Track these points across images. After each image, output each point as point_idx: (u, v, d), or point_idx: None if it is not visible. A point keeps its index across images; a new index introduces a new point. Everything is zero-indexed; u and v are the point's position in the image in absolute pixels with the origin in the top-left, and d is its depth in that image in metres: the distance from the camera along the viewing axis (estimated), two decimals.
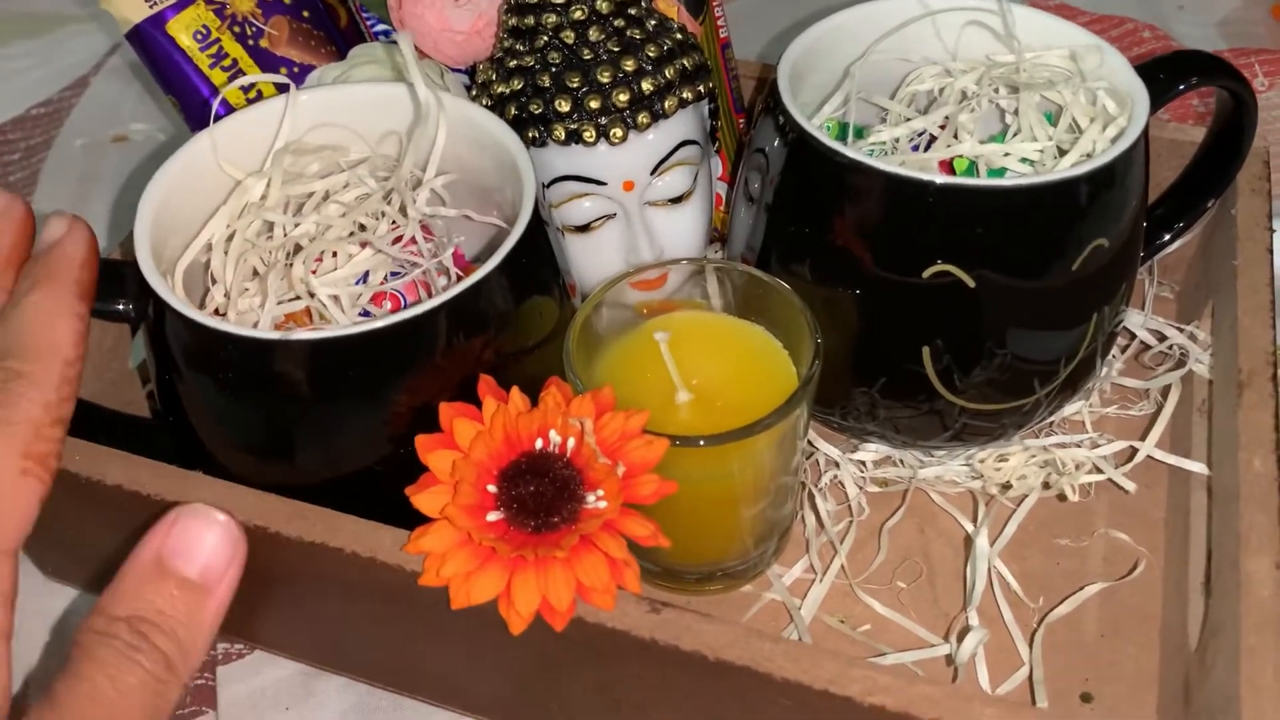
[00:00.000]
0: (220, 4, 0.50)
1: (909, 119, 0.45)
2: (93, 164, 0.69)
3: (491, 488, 0.35)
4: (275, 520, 0.37)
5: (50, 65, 0.78)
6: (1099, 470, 0.46)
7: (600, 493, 0.35)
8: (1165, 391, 0.48)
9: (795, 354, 0.42)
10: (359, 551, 0.36)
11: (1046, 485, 0.46)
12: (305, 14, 0.52)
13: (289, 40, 0.52)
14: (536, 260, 0.41)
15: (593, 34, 0.45)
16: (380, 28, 0.54)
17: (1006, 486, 0.46)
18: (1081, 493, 0.46)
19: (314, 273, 0.40)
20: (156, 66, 0.50)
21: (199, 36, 0.50)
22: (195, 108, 0.50)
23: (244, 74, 0.50)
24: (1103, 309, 0.43)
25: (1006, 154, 0.42)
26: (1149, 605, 0.44)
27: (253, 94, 0.50)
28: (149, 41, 0.49)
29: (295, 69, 0.52)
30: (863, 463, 0.48)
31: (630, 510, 0.35)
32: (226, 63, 0.50)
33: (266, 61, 0.51)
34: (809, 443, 0.48)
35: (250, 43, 0.51)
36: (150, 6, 0.49)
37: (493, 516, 0.35)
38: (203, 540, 0.33)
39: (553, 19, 0.45)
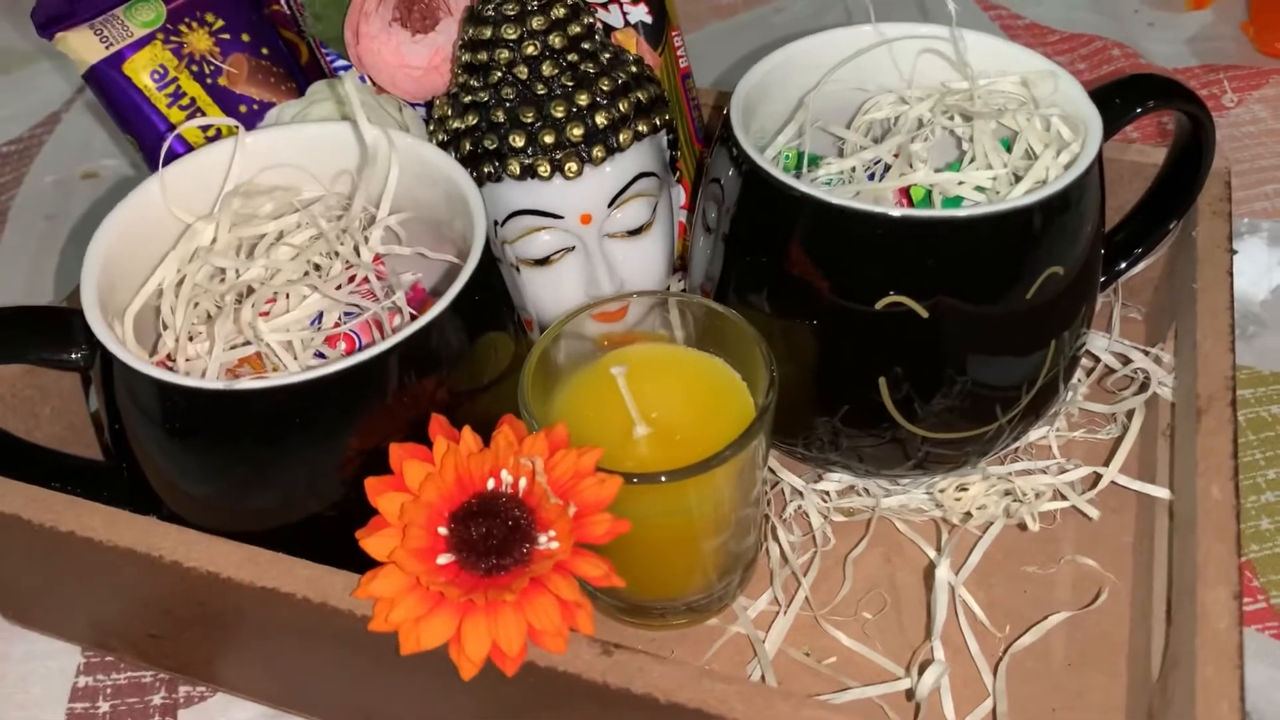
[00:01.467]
0: (178, 43, 0.50)
1: (864, 148, 0.45)
2: (62, 201, 0.69)
3: (443, 530, 0.35)
4: (227, 566, 0.37)
5: (21, 102, 0.78)
6: (1063, 497, 0.46)
7: (552, 533, 0.35)
8: (1131, 415, 0.48)
9: (753, 386, 0.42)
10: (310, 597, 0.36)
11: (1009, 514, 0.46)
12: (264, 51, 0.52)
13: (248, 78, 0.52)
14: (489, 296, 0.40)
15: (546, 69, 0.45)
16: (340, 64, 0.54)
17: (968, 516, 0.45)
18: (1045, 520, 0.46)
19: (265, 315, 0.40)
20: (114, 107, 0.50)
21: (156, 76, 0.50)
22: (154, 147, 0.50)
23: (203, 113, 0.50)
24: (1061, 335, 0.42)
25: (961, 182, 0.42)
26: (1117, 633, 0.43)
27: (211, 132, 0.50)
28: (106, 82, 0.49)
29: (255, 106, 0.52)
30: (826, 493, 0.48)
31: (583, 550, 0.35)
32: (185, 101, 0.50)
33: (225, 100, 0.51)
34: (772, 472, 0.48)
35: (209, 81, 0.51)
36: (106, 47, 0.49)
37: (444, 559, 0.35)
38: None
39: (506, 54, 0.45)
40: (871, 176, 0.45)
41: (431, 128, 0.48)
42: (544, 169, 0.44)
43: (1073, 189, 0.39)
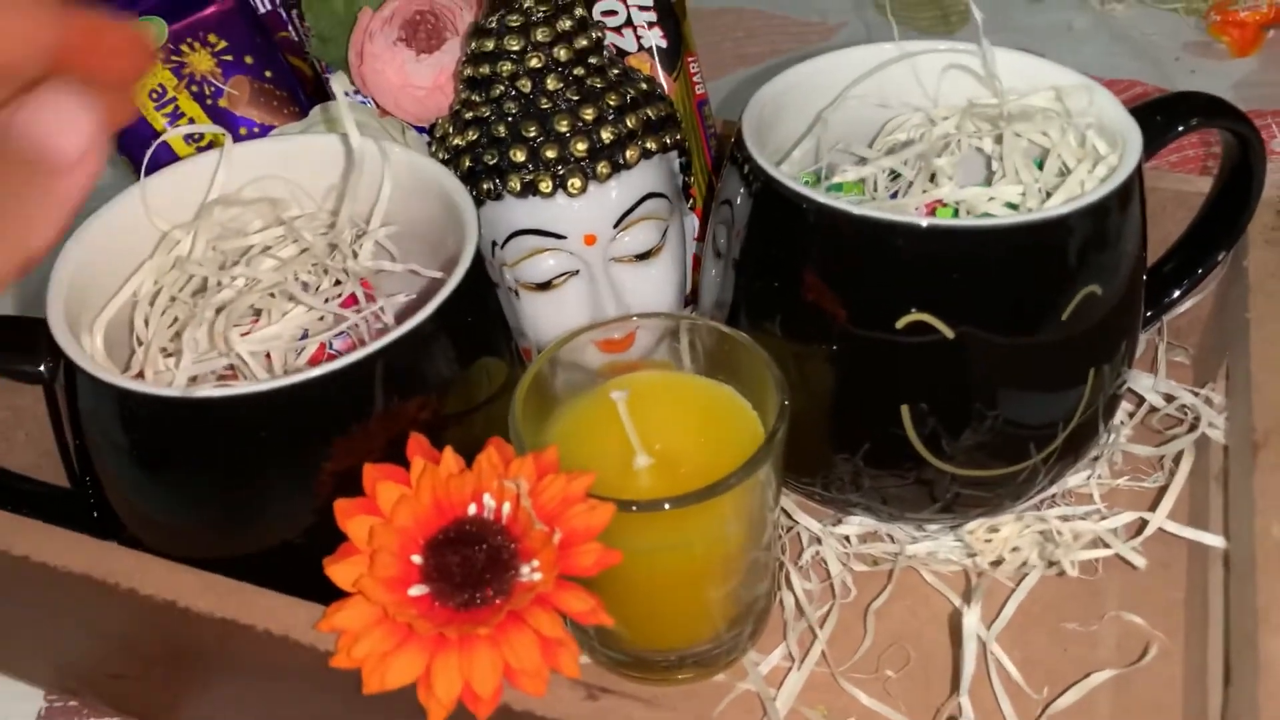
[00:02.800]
0: (178, 63, 0.49)
1: (872, 161, 0.42)
2: None
3: (416, 558, 0.32)
4: (185, 594, 0.34)
5: None
6: (1104, 544, 0.42)
7: (535, 564, 0.32)
8: (1179, 459, 0.44)
9: (765, 415, 0.39)
10: (272, 629, 0.33)
11: (1050, 563, 0.42)
12: (268, 74, 0.51)
13: (250, 100, 0.50)
14: (479, 315, 0.38)
15: (550, 83, 0.43)
16: (330, 77, 0.53)
17: (999, 560, 0.42)
18: (1086, 570, 0.42)
19: (246, 334, 0.38)
20: None
21: (154, 95, 0.48)
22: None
23: (194, 124, 0.48)
24: (1101, 366, 0.39)
25: (990, 198, 0.39)
26: (1166, 695, 0.39)
27: (204, 143, 0.48)
28: None
29: (255, 129, 0.50)
30: (846, 538, 0.44)
31: (569, 583, 0.32)
32: (183, 122, 0.49)
33: (225, 122, 0.49)
34: (787, 515, 0.45)
35: (209, 102, 0.49)
36: None
37: (416, 591, 0.32)
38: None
39: (509, 67, 0.43)
40: (894, 195, 0.42)
41: (433, 147, 0.46)
42: (546, 185, 0.42)
43: (1111, 200, 0.36)
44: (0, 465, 0.42)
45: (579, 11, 0.44)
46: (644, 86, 0.45)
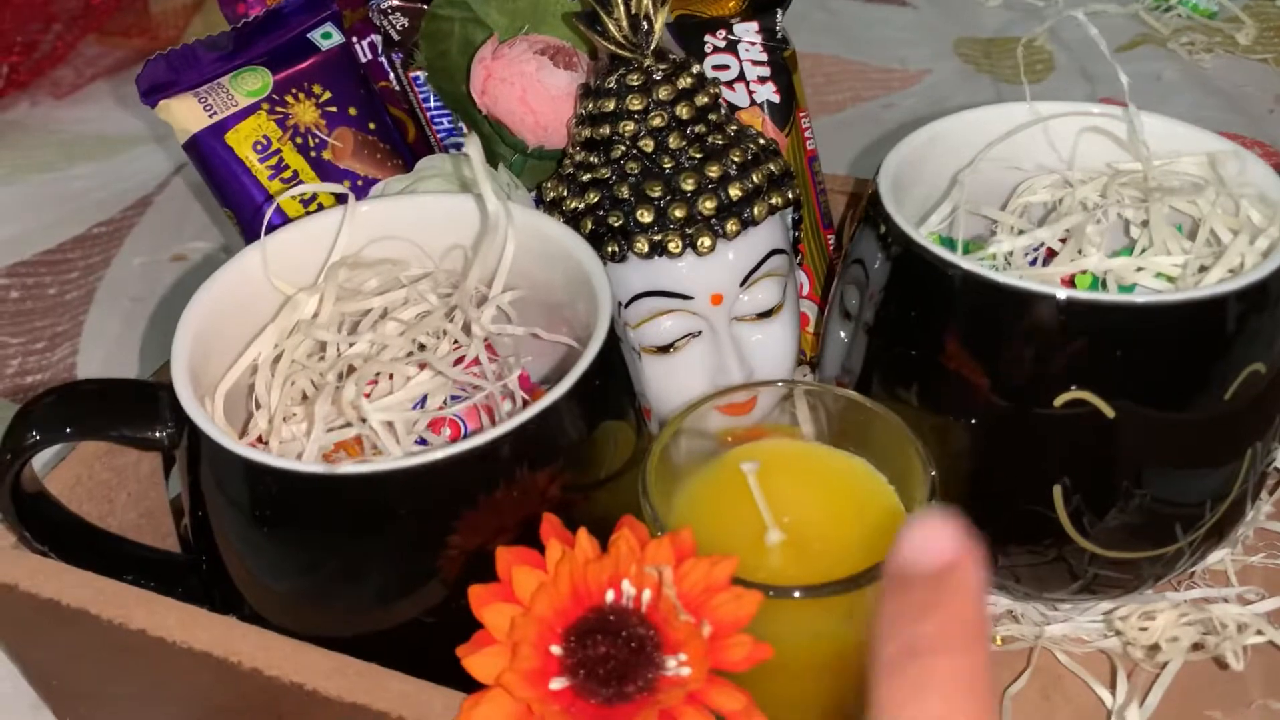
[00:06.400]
0: (283, 114, 0.48)
1: (1024, 231, 0.40)
2: (149, 283, 0.67)
3: (556, 649, 0.31)
4: (314, 676, 0.33)
5: (117, 184, 0.77)
6: (1258, 632, 0.40)
7: (683, 657, 0.30)
8: None
9: (903, 490, 0.37)
10: (405, 715, 0.32)
11: (1197, 647, 0.40)
12: (371, 125, 0.50)
13: (353, 153, 0.49)
14: (612, 382, 0.36)
15: (673, 141, 0.41)
16: (451, 140, 0.52)
17: (1154, 649, 0.39)
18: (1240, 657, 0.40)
19: (368, 396, 0.36)
20: (213, 178, 0.48)
21: (259, 147, 0.47)
22: (252, 220, 0.48)
23: (306, 184, 0.47)
24: (1256, 444, 0.37)
25: (1139, 269, 0.38)
26: None
27: (314, 206, 0.47)
28: (207, 151, 0.47)
29: (359, 182, 0.49)
30: None
31: (718, 679, 0.30)
32: (287, 174, 0.48)
33: (329, 174, 0.49)
34: None
35: (312, 154, 0.48)
36: (210, 116, 0.46)
37: (557, 684, 0.30)
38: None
39: (630, 127, 0.42)
40: (1033, 263, 0.40)
41: (544, 210, 0.44)
42: (675, 245, 0.40)
43: (1277, 276, 0.34)
44: (105, 528, 0.40)
45: (696, 68, 0.43)
46: (761, 142, 0.44)
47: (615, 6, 0.41)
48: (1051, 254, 0.40)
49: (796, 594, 0.33)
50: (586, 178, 0.42)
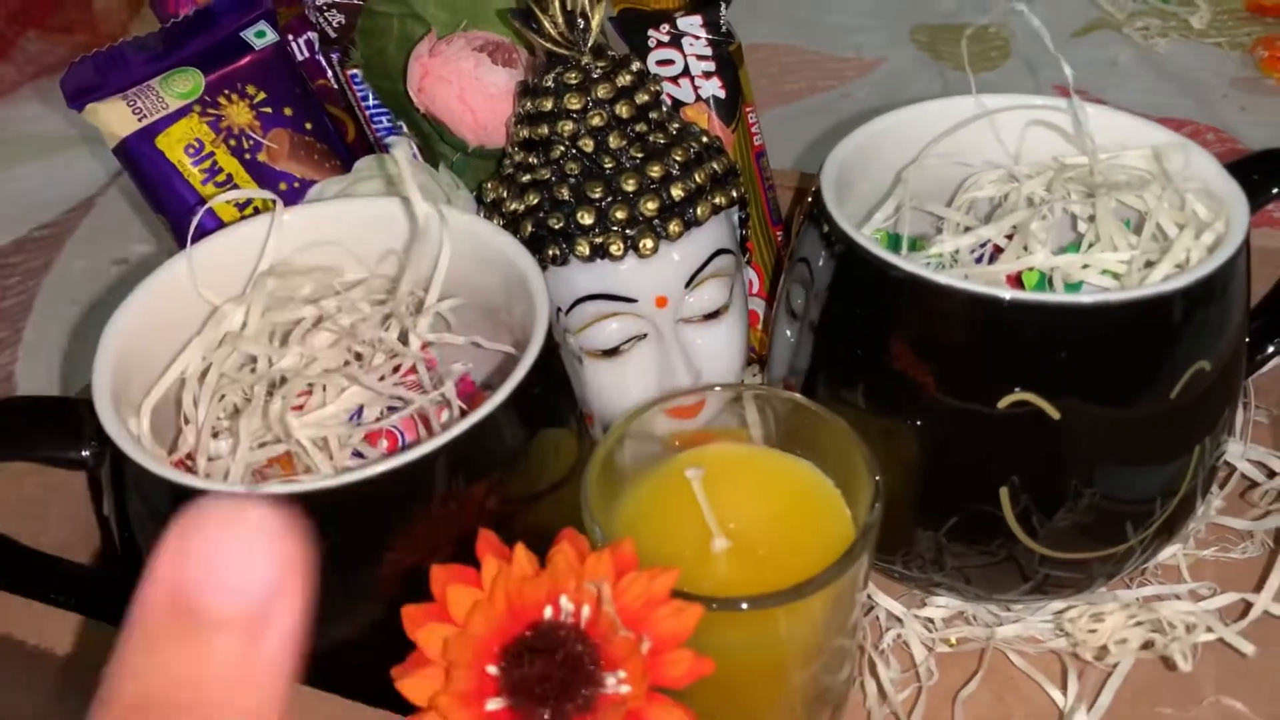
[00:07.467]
0: (215, 116, 0.47)
1: (969, 228, 0.40)
2: (91, 288, 0.66)
3: (492, 669, 0.30)
4: None
5: (54, 188, 0.76)
6: (1208, 629, 0.39)
7: (622, 674, 0.30)
8: (1277, 536, 0.42)
9: (849, 494, 0.37)
10: None
11: (1148, 645, 0.39)
12: (308, 126, 0.49)
13: (289, 154, 0.48)
14: (551, 389, 0.36)
15: (613, 141, 0.40)
16: (391, 139, 0.51)
17: (1104, 650, 0.39)
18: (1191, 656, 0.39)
19: (299, 410, 0.35)
20: (145, 183, 0.46)
21: (191, 151, 0.46)
22: (185, 225, 0.46)
23: (239, 189, 0.46)
24: (1204, 440, 0.37)
25: (1085, 266, 0.37)
26: None
27: (249, 210, 0.46)
28: (137, 156, 0.46)
29: (296, 184, 0.48)
30: (930, 620, 0.42)
31: (658, 695, 0.30)
32: (221, 178, 0.46)
33: (264, 176, 0.47)
34: (868, 596, 0.42)
35: (247, 157, 0.47)
36: (139, 119, 0.45)
37: (494, 705, 0.29)
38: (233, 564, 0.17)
39: (569, 127, 0.41)
40: (979, 260, 0.40)
41: (484, 213, 0.43)
42: (616, 248, 0.39)
43: (1222, 273, 0.34)
44: (37, 547, 0.39)
45: (637, 65, 0.42)
46: (704, 140, 0.43)
47: (551, 3, 0.40)
48: (998, 250, 0.40)
49: (744, 605, 0.32)
50: (526, 179, 0.41)
